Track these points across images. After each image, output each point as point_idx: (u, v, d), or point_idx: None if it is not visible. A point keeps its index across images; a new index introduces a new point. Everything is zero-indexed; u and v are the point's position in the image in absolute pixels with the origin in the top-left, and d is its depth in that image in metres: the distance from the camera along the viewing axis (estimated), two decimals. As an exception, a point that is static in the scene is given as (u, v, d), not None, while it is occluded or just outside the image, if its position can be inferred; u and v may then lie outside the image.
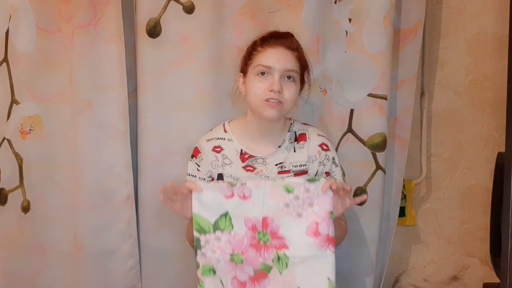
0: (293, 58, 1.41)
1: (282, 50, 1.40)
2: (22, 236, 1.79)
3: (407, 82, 1.79)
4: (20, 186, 1.78)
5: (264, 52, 1.41)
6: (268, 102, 1.37)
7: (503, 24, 1.94)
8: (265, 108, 1.38)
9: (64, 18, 1.74)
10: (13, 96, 1.76)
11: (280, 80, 1.38)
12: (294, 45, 1.43)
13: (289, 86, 1.39)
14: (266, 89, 1.37)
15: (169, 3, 1.69)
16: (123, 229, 1.76)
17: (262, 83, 1.38)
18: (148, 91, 1.72)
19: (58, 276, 1.81)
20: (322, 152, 1.48)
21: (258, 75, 1.40)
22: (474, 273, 2.00)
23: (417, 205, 2.07)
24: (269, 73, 1.39)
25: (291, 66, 1.40)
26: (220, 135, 1.50)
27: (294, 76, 1.41)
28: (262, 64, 1.39)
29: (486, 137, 2.03)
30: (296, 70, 1.41)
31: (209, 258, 1.33)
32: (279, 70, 1.38)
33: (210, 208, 1.33)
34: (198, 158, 1.50)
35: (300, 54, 1.44)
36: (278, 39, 1.42)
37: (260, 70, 1.39)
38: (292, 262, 1.33)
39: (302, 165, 1.47)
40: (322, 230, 1.31)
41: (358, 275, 1.79)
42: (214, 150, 1.48)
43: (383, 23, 1.66)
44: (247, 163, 1.47)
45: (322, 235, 1.31)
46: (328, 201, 1.31)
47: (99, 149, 1.74)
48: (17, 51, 1.73)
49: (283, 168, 1.47)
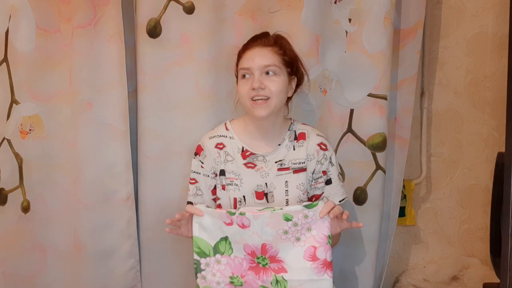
0: (269, 53, 1.44)
1: (258, 49, 1.45)
2: (22, 236, 1.79)
3: (407, 82, 1.79)
4: (20, 186, 1.78)
5: (243, 56, 1.47)
6: (254, 102, 1.42)
7: (503, 24, 1.94)
8: (253, 107, 1.43)
9: (64, 18, 1.74)
10: (13, 96, 1.76)
11: (261, 77, 1.42)
12: (269, 42, 1.47)
13: (271, 80, 1.43)
14: (249, 88, 1.42)
15: (169, 3, 1.69)
16: (123, 229, 1.76)
17: (246, 84, 1.44)
18: (148, 91, 1.72)
19: (58, 276, 1.81)
20: (320, 151, 1.50)
21: (242, 78, 1.46)
22: (474, 273, 2.00)
23: (417, 205, 2.07)
24: (250, 74, 1.44)
25: (267, 61, 1.43)
26: (222, 133, 1.53)
27: (274, 70, 1.44)
28: (242, 67, 1.46)
29: (486, 137, 2.03)
30: (274, 64, 1.44)
31: (209, 281, 1.36)
32: (256, 68, 1.43)
33: (210, 232, 1.35)
34: (202, 155, 1.52)
35: (279, 48, 1.46)
36: (254, 41, 1.48)
37: (242, 73, 1.46)
38: (290, 286, 1.34)
39: (301, 163, 1.49)
40: (319, 254, 1.32)
41: (358, 275, 1.78)
42: (217, 147, 1.51)
43: (383, 23, 1.66)
44: (248, 160, 1.49)
45: (319, 260, 1.32)
46: (326, 225, 1.32)
47: (99, 149, 1.74)
48: (17, 51, 1.73)
49: (283, 165, 1.48)
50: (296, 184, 1.47)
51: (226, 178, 1.48)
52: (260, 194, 1.47)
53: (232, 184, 1.48)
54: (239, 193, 1.48)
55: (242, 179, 1.48)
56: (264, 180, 1.47)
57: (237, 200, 1.48)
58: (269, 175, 1.47)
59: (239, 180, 1.48)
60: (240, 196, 1.48)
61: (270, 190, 1.47)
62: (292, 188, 1.47)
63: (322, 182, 1.50)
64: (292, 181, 1.47)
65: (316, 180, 1.50)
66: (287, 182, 1.47)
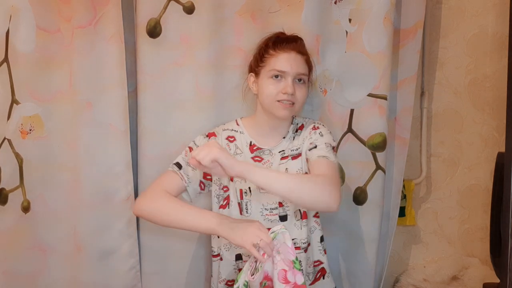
0: (303, 62, 1.50)
1: (294, 54, 1.48)
2: (22, 236, 1.79)
3: (407, 82, 1.79)
4: (20, 186, 1.78)
5: (277, 57, 1.48)
6: (281, 103, 1.46)
7: (503, 24, 1.94)
8: (278, 108, 1.47)
9: (64, 18, 1.74)
10: (13, 96, 1.76)
11: (294, 83, 1.47)
12: (304, 50, 1.52)
13: (300, 88, 1.49)
14: (280, 91, 1.46)
15: (169, 3, 1.69)
16: (123, 229, 1.76)
17: (276, 86, 1.47)
18: (148, 91, 1.72)
19: (58, 276, 1.81)
20: (312, 131, 1.54)
21: (272, 78, 1.48)
22: (474, 273, 2.00)
23: (417, 205, 2.07)
24: (282, 77, 1.47)
25: (302, 70, 1.49)
26: (234, 128, 1.59)
27: (304, 79, 1.50)
28: (276, 69, 1.47)
29: (486, 137, 2.03)
30: (306, 73, 1.51)
31: None
32: (292, 74, 1.46)
33: None
34: (211, 139, 1.56)
35: (308, 57, 1.53)
36: (289, 44, 1.50)
37: (274, 73, 1.47)
38: None
39: (297, 149, 1.54)
40: (289, 278, 1.32)
41: (358, 275, 1.79)
42: (228, 139, 1.56)
43: (383, 23, 1.66)
44: (256, 154, 1.54)
45: (291, 283, 1.32)
46: (288, 250, 1.32)
47: (99, 149, 1.74)
48: (17, 51, 1.73)
49: (283, 154, 1.54)
50: (295, 170, 1.51)
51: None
52: None
53: None
54: (245, 185, 1.51)
55: None
56: None
57: (243, 191, 1.51)
58: (273, 165, 1.52)
59: None
60: (246, 188, 1.51)
61: None
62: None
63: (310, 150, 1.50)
64: (292, 167, 1.51)
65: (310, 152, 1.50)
66: (287, 169, 1.51)
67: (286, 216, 1.50)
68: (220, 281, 1.54)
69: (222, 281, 1.53)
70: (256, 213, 1.50)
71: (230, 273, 1.52)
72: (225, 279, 1.53)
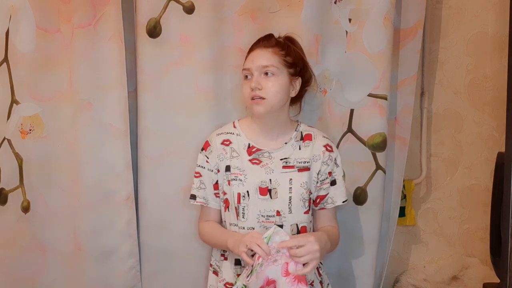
0: (268, 54, 1.47)
1: (258, 50, 1.49)
2: (22, 236, 1.79)
3: (407, 82, 1.79)
4: (20, 186, 1.78)
5: (247, 58, 1.51)
6: (252, 100, 1.46)
7: (503, 24, 1.94)
8: (252, 106, 1.47)
9: (64, 18, 1.74)
10: (13, 96, 1.76)
11: (259, 77, 1.46)
12: (271, 43, 1.49)
13: (268, 80, 1.46)
14: (249, 89, 1.46)
15: (169, 3, 1.69)
16: (123, 229, 1.76)
17: (247, 85, 1.48)
18: (148, 91, 1.72)
19: (58, 276, 1.81)
20: (326, 153, 1.53)
21: (245, 79, 1.50)
22: (474, 273, 2.00)
23: (417, 205, 2.07)
24: (250, 75, 1.48)
25: (265, 62, 1.46)
26: (230, 130, 1.57)
27: (272, 71, 1.46)
28: (243, 68, 1.50)
29: (486, 137, 2.03)
30: (272, 65, 1.46)
31: None
32: (255, 68, 1.46)
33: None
34: (208, 150, 1.55)
35: (281, 49, 1.48)
36: (257, 43, 1.52)
37: (244, 74, 1.50)
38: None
39: (306, 162, 1.51)
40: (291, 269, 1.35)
41: (358, 275, 1.78)
42: (223, 143, 1.54)
43: (383, 23, 1.66)
44: (254, 156, 1.52)
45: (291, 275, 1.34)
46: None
47: (99, 149, 1.74)
48: (17, 51, 1.73)
49: (288, 163, 1.51)
50: (300, 183, 1.49)
51: (231, 173, 1.51)
52: (264, 190, 1.48)
53: (236, 179, 1.49)
54: (243, 188, 1.49)
55: (247, 174, 1.49)
56: (269, 176, 1.49)
57: (241, 195, 1.49)
58: (274, 172, 1.49)
59: (243, 176, 1.49)
60: (244, 191, 1.49)
61: (274, 187, 1.48)
62: (296, 186, 1.48)
63: (327, 183, 1.53)
64: (296, 179, 1.49)
65: (322, 182, 1.53)
66: (292, 179, 1.49)
67: (282, 226, 1.47)
68: (220, 280, 1.54)
69: (222, 281, 1.53)
70: (252, 219, 1.48)
71: (230, 275, 1.52)
72: (224, 279, 1.53)
